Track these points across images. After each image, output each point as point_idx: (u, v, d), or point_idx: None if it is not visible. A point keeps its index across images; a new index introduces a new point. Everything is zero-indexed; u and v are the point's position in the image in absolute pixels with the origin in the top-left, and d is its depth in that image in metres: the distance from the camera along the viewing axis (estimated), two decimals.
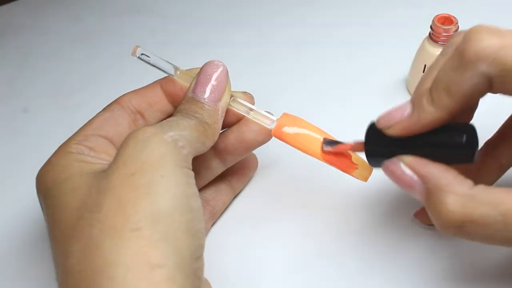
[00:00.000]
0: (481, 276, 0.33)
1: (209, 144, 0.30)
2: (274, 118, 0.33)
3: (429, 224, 0.35)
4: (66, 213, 0.26)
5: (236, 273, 0.34)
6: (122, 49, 0.50)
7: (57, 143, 0.30)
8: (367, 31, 0.51)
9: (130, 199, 0.25)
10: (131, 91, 0.33)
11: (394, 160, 0.28)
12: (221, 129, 0.34)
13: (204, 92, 0.31)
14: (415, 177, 0.27)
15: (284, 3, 0.55)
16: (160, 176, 0.26)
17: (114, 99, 0.33)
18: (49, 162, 0.29)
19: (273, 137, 0.33)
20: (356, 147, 0.31)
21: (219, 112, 0.31)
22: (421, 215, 0.35)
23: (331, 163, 0.33)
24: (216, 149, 0.34)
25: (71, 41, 0.52)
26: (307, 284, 0.34)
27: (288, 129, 0.33)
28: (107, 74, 0.49)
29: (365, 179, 0.33)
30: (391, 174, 0.28)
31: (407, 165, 0.28)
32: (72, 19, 0.54)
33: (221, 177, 0.36)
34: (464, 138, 0.27)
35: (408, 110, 0.28)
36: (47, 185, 0.28)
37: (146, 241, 0.25)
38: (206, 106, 0.31)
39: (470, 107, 0.30)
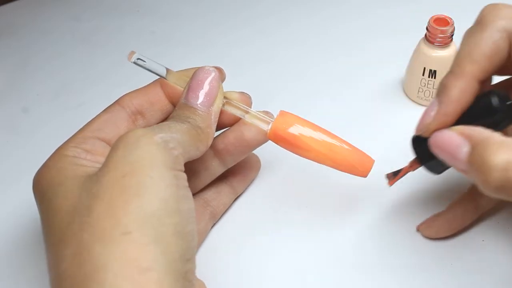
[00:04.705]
0: (482, 276, 0.33)
1: (203, 148, 0.30)
2: (271, 118, 0.33)
3: (430, 238, 0.35)
4: (58, 217, 0.26)
5: (236, 274, 0.34)
6: (122, 49, 0.50)
7: (56, 143, 0.30)
8: (363, 31, 0.51)
9: (120, 202, 0.25)
10: (132, 91, 0.33)
11: (444, 130, 0.29)
12: (221, 130, 0.34)
13: (197, 97, 0.31)
14: (461, 138, 0.27)
15: (281, 2, 0.55)
16: (149, 178, 0.26)
17: (116, 100, 0.33)
18: (45, 165, 0.29)
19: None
20: (413, 166, 0.32)
21: (212, 117, 0.31)
22: (424, 228, 0.35)
23: (331, 166, 0.33)
24: (215, 149, 0.34)
25: (71, 41, 0.52)
26: (308, 286, 0.34)
27: (289, 130, 0.33)
28: (107, 74, 0.49)
29: (365, 174, 0.33)
30: (440, 142, 0.29)
31: (454, 130, 0.28)
32: (72, 19, 0.54)
33: (222, 178, 0.36)
34: (497, 99, 0.28)
35: (434, 105, 0.29)
36: (42, 188, 0.28)
37: (135, 244, 0.24)
38: (199, 111, 0.31)
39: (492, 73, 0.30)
